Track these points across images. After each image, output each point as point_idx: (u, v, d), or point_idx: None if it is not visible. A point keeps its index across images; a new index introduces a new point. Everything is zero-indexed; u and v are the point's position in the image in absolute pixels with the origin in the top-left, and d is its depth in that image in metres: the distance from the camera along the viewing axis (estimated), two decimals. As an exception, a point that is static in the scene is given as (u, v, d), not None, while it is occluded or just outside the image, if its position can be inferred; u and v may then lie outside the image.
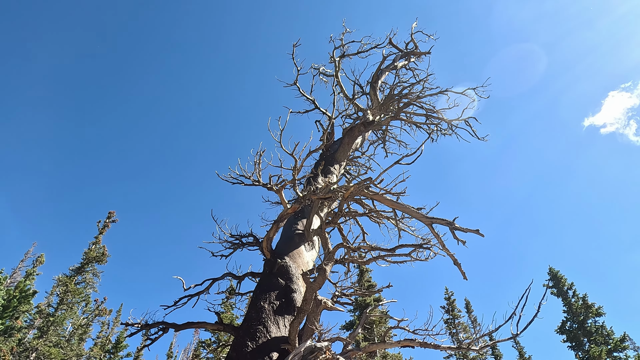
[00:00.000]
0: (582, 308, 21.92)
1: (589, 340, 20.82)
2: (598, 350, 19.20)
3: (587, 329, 21.38)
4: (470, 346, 7.94)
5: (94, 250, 29.90)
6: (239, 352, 5.39)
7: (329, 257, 5.22)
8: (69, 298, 26.82)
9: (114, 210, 34.01)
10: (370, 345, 7.91)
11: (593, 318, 21.63)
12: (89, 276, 29.31)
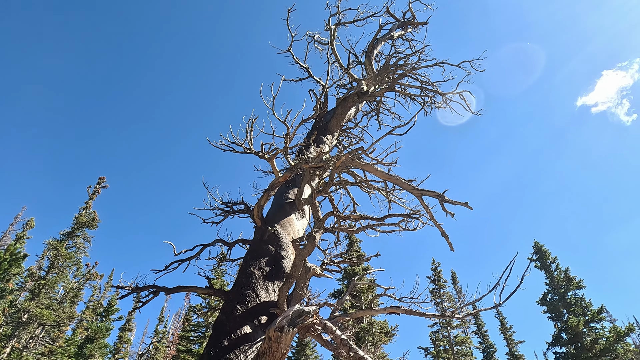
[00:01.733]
0: (564, 281, 22.62)
1: (568, 312, 21.60)
2: (576, 321, 19.95)
3: (567, 300, 22.14)
4: (454, 314, 8.20)
5: (84, 215, 29.86)
6: (228, 315, 5.51)
7: (318, 225, 5.28)
8: (60, 262, 26.97)
9: (104, 176, 33.79)
10: (358, 311, 8.12)
11: (573, 290, 22.37)
12: (79, 241, 29.38)
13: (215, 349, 5.01)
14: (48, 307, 25.42)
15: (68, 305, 29.61)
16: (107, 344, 33.02)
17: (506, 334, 38.00)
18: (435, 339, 32.32)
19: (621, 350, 19.25)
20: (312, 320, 4.38)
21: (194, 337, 26.19)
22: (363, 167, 8.08)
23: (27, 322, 24.77)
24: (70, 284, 31.98)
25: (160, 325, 49.13)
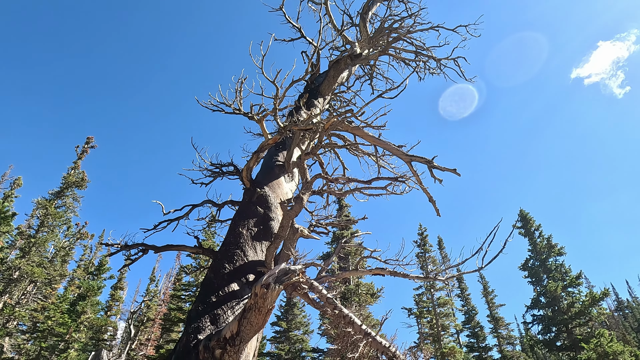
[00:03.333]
0: (546, 247, 23.31)
1: (548, 277, 22.40)
2: (555, 286, 20.73)
3: (547, 266, 22.91)
4: (437, 276, 8.46)
5: (73, 175, 29.61)
6: (216, 273, 5.63)
7: (306, 186, 5.32)
8: (50, 221, 26.96)
9: (92, 136, 33.28)
10: (344, 272, 8.33)
11: (554, 257, 23.11)
12: (69, 200, 29.28)
13: (204, 305, 5.14)
14: (39, 265, 25.64)
15: (59, 264, 29.88)
16: (99, 302, 33.61)
17: (488, 297, 39.44)
18: (419, 300, 33.46)
19: (595, 313, 20.17)
20: (298, 278, 4.49)
21: (185, 295, 26.77)
22: (353, 131, 8.05)
23: (18, 279, 25.02)
24: (60, 243, 32.14)
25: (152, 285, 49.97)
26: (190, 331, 4.78)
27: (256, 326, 4.31)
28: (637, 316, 62.46)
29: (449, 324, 33.48)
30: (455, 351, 25.35)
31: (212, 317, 4.94)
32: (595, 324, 20.95)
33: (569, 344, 20.31)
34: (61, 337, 25.68)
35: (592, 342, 17.77)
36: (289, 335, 33.12)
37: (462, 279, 40.41)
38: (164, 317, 29.88)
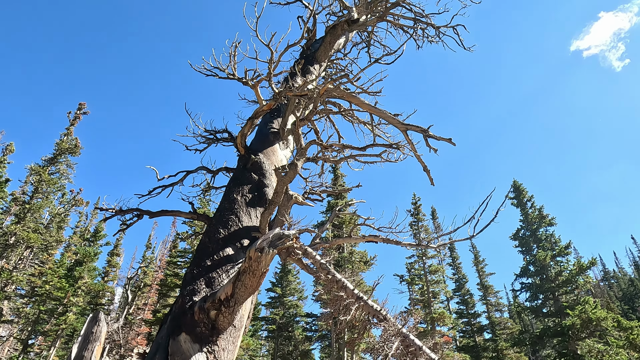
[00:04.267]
0: (537, 218, 23.68)
1: (538, 247, 22.87)
2: (544, 255, 21.20)
3: (538, 236, 23.35)
4: (429, 244, 8.61)
5: (65, 141, 29.30)
6: (211, 238, 5.69)
7: (301, 152, 5.31)
8: (44, 187, 26.87)
9: (85, 102, 32.74)
10: (338, 239, 8.44)
11: (545, 227, 23.52)
12: (62, 167, 29.10)
13: (199, 268, 5.23)
14: (35, 231, 25.75)
15: (55, 230, 30.02)
16: (96, 267, 34.04)
17: (478, 266, 40.33)
18: (411, 267, 34.18)
19: (581, 282, 20.75)
20: (292, 243, 4.55)
21: (181, 262, 27.14)
22: (349, 98, 7.97)
23: (14, 244, 25.17)
24: (55, 210, 32.16)
25: (148, 252, 50.51)
26: (185, 293, 4.88)
27: (250, 289, 4.40)
28: (622, 286, 64.36)
29: (440, 290, 34.38)
30: (445, 316, 26.15)
31: (207, 280, 5.03)
32: (582, 292, 21.58)
33: (554, 311, 20.99)
34: (59, 301, 26.12)
35: (577, 309, 18.37)
36: (283, 301, 33.92)
37: (454, 249, 41.18)
38: (161, 282, 30.40)
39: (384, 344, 5.87)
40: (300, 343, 32.11)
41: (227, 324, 4.53)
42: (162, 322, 4.96)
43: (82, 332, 8.53)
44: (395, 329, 5.87)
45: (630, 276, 68.62)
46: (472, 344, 34.43)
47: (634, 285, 55.58)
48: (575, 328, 18.18)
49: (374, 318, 6.60)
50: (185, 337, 4.37)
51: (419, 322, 24.15)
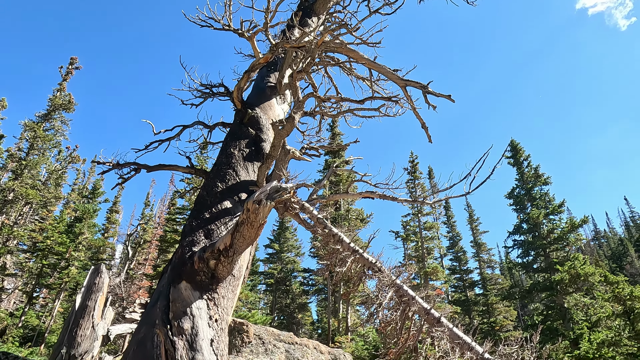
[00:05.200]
0: (533, 177, 23.86)
1: (532, 205, 23.20)
2: (537, 213, 21.55)
3: (532, 195, 23.63)
4: (425, 200, 8.72)
5: (59, 97, 28.77)
6: (209, 192, 5.72)
7: (298, 105, 5.25)
8: (39, 144, 26.67)
9: (76, 56, 31.88)
10: (334, 195, 8.52)
11: (540, 186, 23.75)
12: (57, 123, 28.76)
13: (197, 221, 5.30)
14: (33, 187, 25.81)
15: (53, 186, 30.10)
16: (95, 224, 34.45)
17: (472, 224, 41.08)
18: (406, 224, 34.79)
19: (573, 239, 21.24)
20: (289, 197, 4.59)
21: (180, 219, 27.47)
22: (347, 52, 7.78)
23: (13, 200, 25.31)
24: (52, 167, 32.08)
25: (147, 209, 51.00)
26: (185, 244, 4.97)
27: (249, 239, 4.48)
28: (612, 245, 65.94)
29: (434, 247, 35.20)
30: (438, 271, 26.93)
31: (206, 231, 5.11)
32: (572, 249, 22.15)
33: (545, 267, 21.63)
34: (61, 255, 26.61)
35: (566, 265, 18.93)
36: (281, 256, 34.71)
37: (449, 207, 41.74)
38: (160, 238, 30.91)
39: (379, 294, 6.08)
40: (297, 296, 33.18)
41: (227, 273, 4.65)
42: (162, 272, 5.09)
43: (85, 284, 8.76)
44: (390, 279, 6.06)
45: (620, 236, 70.16)
46: (463, 299, 35.68)
47: (623, 244, 56.93)
48: (564, 283, 18.81)
49: (369, 270, 6.79)
50: (185, 285, 4.50)
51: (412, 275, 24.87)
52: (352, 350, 20.50)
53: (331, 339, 23.93)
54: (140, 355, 4.12)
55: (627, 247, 54.81)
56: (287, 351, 8.59)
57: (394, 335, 6.27)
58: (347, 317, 26.18)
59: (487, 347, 5.59)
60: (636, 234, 63.32)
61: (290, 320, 32.60)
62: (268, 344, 8.56)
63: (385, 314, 6.36)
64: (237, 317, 12.68)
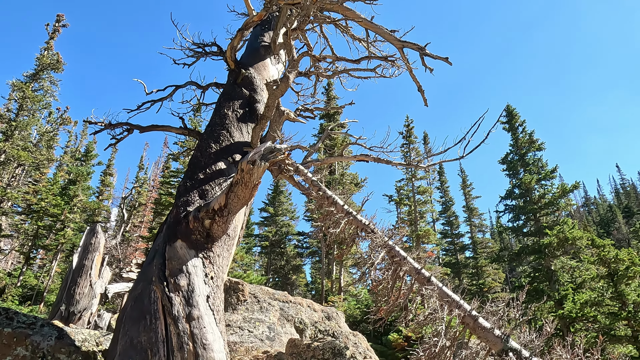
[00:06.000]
0: (527, 142, 23.91)
1: (525, 170, 23.39)
2: (529, 178, 21.76)
3: (526, 160, 23.78)
4: (419, 164, 8.76)
5: (46, 56, 27.97)
6: (203, 152, 5.70)
7: (293, 65, 5.15)
8: (29, 104, 26.16)
9: (63, 13, 30.76)
10: (329, 158, 8.53)
11: (534, 152, 23.87)
12: (46, 84, 28.11)
13: (192, 181, 5.30)
14: (24, 149, 25.54)
15: (45, 149, 29.78)
16: (90, 187, 34.42)
17: (465, 189, 41.53)
18: (400, 188, 35.12)
19: (563, 204, 21.59)
20: (284, 158, 4.59)
21: (174, 182, 27.47)
22: (343, 12, 7.57)
23: (5, 162, 25.08)
24: (43, 128, 31.63)
25: (141, 172, 50.91)
26: (180, 204, 5.00)
27: (243, 199, 4.51)
28: (601, 212, 67.23)
29: (426, 211, 35.71)
30: (430, 234, 27.48)
31: (200, 192, 5.13)
32: (562, 214, 22.57)
33: (534, 231, 22.09)
34: (56, 217, 26.72)
35: (555, 229, 19.35)
36: (276, 220, 35.11)
37: (443, 173, 42.01)
38: (155, 201, 31.03)
39: (371, 254, 6.21)
40: (292, 259, 33.84)
41: (222, 232, 4.71)
42: (158, 231, 5.15)
43: (82, 243, 8.88)
44: (382, 240, 6.17)
45: (609, 203, 71.40)
46: (453, 261, 36.61)
47: (612, 211, 58.03)
48: (552, 246, 19.29)
49: (362, 231, 6.90)
50: (181, 244, 4.56)
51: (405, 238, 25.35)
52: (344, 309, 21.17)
53: (324, 298, 24.65)
54: (137, 310, 4.23)
55: (615, 213, 55.90)
56: (281, 309, 8.86)
57: (385, 294, 6.45)
58: (340, 278, 26.85)
59: (474, 305, 5.79)
60: (625, 201, 64.45)
61: (285, 281, 33.39)
62: (263, 302, 8.82)
63: (377, 273, 6.53)
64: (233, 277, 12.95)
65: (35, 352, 4.78)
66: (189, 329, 4.08)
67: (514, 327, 6.04)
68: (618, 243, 39.31)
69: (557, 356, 5.41)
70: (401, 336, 18.35)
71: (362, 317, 20.93)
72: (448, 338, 5.75)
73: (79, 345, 5.08)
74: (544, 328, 5.78)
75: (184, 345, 3.98)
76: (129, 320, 4.19)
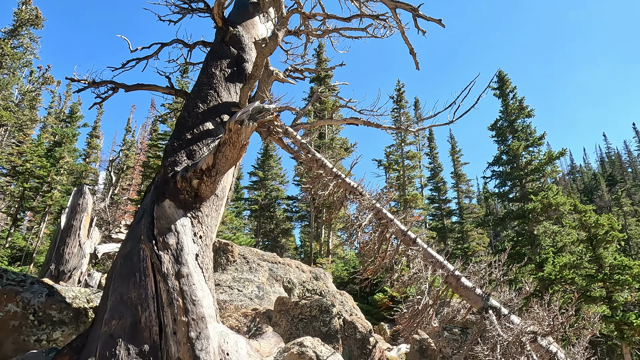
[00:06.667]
0: (517, 109, 23.94)
1: (513, 137, 23.55)
2: (517, 145, 21.96)
3: (515, 127, 23.89)
4: (409, 128, 8.75)
5: (25, 11, 26.73)
6: (190, 112, 5.61)
7: (282, 22, 5.00)
8: (8, 62, 25.21)
9: (40, -36, 29.23)
10: (318, 120, 8.47)
11: (523, 119, 23.95)
12: (25, 41, 27.05)
13: (179, 141, 5.25)
14: (6, 109, 24.84)
15: (27, 109, 28.99)
16: (76, 149, 33.88)
17: (454, 156, 41.80)
18: (389, 153, 35.23)
19: (549, 171, 21.95)
20: (272, 118, 4.54)
21: (162, 144, 27.16)
22: (336, -33, 7.30)
23: (-14, 122, 24.44)
24: (25, 87, 30.67)
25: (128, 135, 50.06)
26: (167, 164, 4.96)
27: (231, 160, 4.49)
28: (585, 180, 68.50)
29: (415, 176, 36.04)
30: (417, 198, 27.86)
31: (188, 152, 5.09)
32: (548, 181, 22.97)
33: (520, 196, 22.53)
34: (42, 179, 26.41)
35: (540, 195, 19.75)
36: (265, 184, 35.17)
37: (432, 139, 42.08)
38: (143, 164, 30.76)
39: (359, 216, 6.30)
40: (281, 222, 34.19)
41: (210, 192, 4.72)
42: (146, 191, 5.13)
43: (69, 204, 8.83)
44: (370, 203, 6.25)
45: (594, 171, 72.64)
46: (440, 226, 37.34)
47: (596, 179, 59.12)
48: (536, 212, 19.76)
49: (350, 194, 6.96)
50: (169, 203, 4.57)
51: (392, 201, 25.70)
52: (332, 270, 21.67)
53: (313, 261, 25.16)
54: (127, 268, 4.28)
55: (599, 181, 57.00)
56: (270, 269, 9.04)
57: (372, 255, 6.61)
58: (329, 241, 27.32)
59: (457, 265, 5.97)
60: (610, 170, 65.64)
61: (274, 244, 33.87)
62: (252, 263, 8.98)
63: (364, 236, 6.66)
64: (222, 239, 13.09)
65: (26, 309, 4.85)
66: (179, 286, 4.16)
67: (495, 287, 6.28)
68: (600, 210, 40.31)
69: (534, 313, 5.65)
70: (387, 296, 18.97)
71: (350, 279, 21.49)
72: (431, 296, 5.96)
73: (70, 302, 5.16)
74: (523, 288, 6.00)
75: (173, 301, 4.07)
76: (118, 277, 4.25)
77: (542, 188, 21.08)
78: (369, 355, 6.52)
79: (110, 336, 3.84)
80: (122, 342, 3.79)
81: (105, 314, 4.06)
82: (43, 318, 4.82)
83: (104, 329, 3.92)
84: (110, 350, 3.73)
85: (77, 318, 5.13)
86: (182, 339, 3.95)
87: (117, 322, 3.92)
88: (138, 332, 3.91)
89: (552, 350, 5.17)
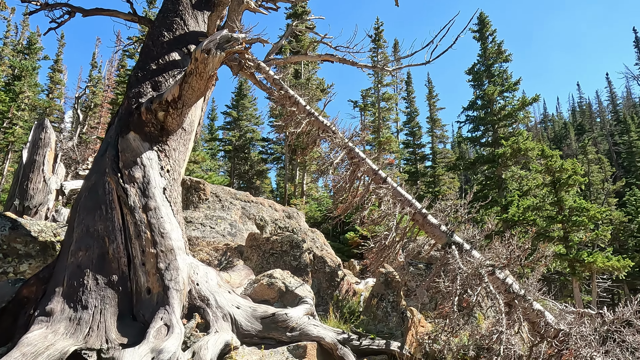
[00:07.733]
0: (495, 53, 23.73)
1: (490, 82, 23.54)
2: (493, 90, 22.02)
3: (491, 72, 23.81)
4: (385, 66, 8.57)
5: None
6: (155, 42, 5.29)
7: (251, -59, 4.62)
8: (-47, -17, 22.87)
9: None
10: (293, 56, 8.18)
11: (500, 63, 23.83)
12: (-30, -41, 24.39)
13: (143, 72, 4.99)
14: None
15: (-21, 38, 26.78)
16: (38, 84, 32.02)
17: (431, 100, 41.73)
18: (366, 95, 34.84)
19: (521, 117, 22.30)
20: (241, 47, 4.33)
21: (131, 81, 25.90)
22: None
23: None
24: (-26, 13, 28.15)
25: (94, 71, 47.36)
26: (131, 95, 4.75)
27: (198, 91, 4.32)
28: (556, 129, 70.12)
29: (390, 118, 36.05)
30: (391, 141, 28.05)
31: (153, 83, 4.87)
32: (520, 127, 23.41)
33: (491, 141, 22.98)
34: (3, 114, 25.08)
35: (510, 140, 20.21)
36: (239, 124, 34.50)
37: (410, 82, 41.63)
38: (112, 102, 29.51)
39: (331, 154, 6.30)
40: (256, 164, 34.03)
41: (176, 125, 4.58)
42: (109, 124, 4.94)
43: (30, 139, 8.45)
44: (342, 141, 6.23)
45: (565, 120, 74.29)
46: (413, 170, 38.05)
47: (566, 128, 60.64)
48: (505, 156, 20.30)
49: (323, 132, 6.90)
50: (134, 136, 4.42)
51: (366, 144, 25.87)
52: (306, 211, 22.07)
53: (287, 202, 25.46)
54: (92, 200, 4.20)
55: (569, 130, 58.54)
56: (243, 208, 9.11)
57: (343, 193, 6.70)
58: (303, 182, 27.54)
59: (425, 203, 6.14)
60: (580, 119, 67.24)
61: (249, 185, 33.88)
62: (225, 201, 9.00)
63: (336, 174, 6.70)
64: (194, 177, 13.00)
65: (-10, 241, 4.77)
66: (146, 218, 4.14)
67: (459, 226, 6.53)
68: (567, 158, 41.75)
69: (494, 250, 5.95)
70: (357, 235, 19.60)
71: (323, 219, 21.98)
72: (398, 233, 6.17)
73: (36, 235, 5.09)
74: (485, 226, 6.26)
75: (141, 234, 4.06)
76: (83, 209, 4.18)
77: (513, 133, 21.51)
78: (337, 287, 6.82)
79: (78, 267, 3.84)
80: (90, 273, 3.81)
81: (71, 246, 4.03)
82: (8, 251, 4.76)
83: (71, 260, 3.91)
84: (78, 280, 3.75)
85: (45, 251, 5.09)
86: (151, 269, 3.99)
87: (84, 254, 3.91)
88: (106, 263, 3.93)
89: (508, 282, 5.52)
